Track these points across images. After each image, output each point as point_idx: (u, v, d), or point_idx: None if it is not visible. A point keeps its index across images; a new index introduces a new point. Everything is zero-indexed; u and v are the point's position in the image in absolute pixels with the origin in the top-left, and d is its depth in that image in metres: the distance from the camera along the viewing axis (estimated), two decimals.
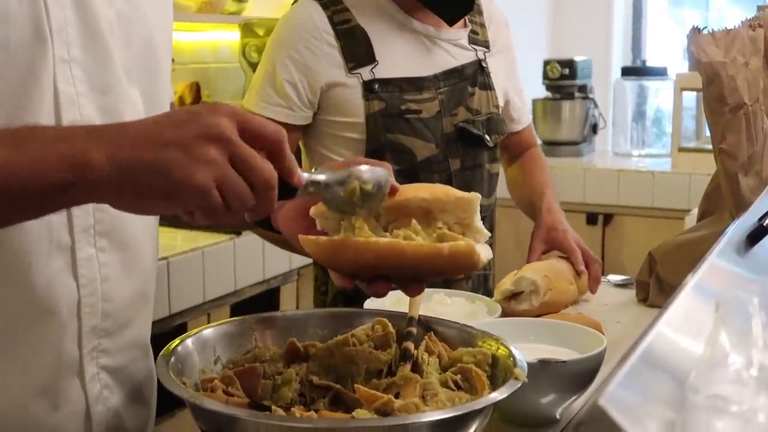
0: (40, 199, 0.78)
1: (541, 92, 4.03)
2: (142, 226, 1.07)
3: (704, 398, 0.62)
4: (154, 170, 0.77)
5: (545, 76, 3.96)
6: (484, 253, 1.03)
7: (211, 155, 0.78)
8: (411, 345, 1.11)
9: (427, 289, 1.24)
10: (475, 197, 1.10)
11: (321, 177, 0.94)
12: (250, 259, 2.47)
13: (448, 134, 1.76)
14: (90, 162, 0.76)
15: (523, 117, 2.04)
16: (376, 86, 1.69)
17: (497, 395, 0.96)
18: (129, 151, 0.77)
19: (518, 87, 2.01)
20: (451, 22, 1.76)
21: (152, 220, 1.11)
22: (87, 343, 1.02)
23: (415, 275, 1.05)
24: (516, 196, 2.04)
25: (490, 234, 1.10)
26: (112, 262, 1.03)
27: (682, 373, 0.68)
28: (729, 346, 0.68)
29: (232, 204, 0.80)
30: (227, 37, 3.04)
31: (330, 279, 1.80)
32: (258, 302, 2.48)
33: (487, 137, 1.80)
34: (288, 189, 0.88)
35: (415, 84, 1.73)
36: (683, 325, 0.77)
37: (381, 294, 1.04)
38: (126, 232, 1.04)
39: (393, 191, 1.05)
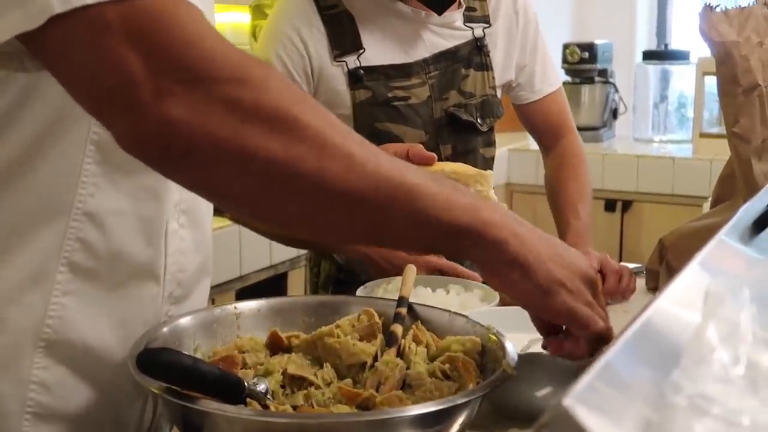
0: (433, 230, 0.86)
1: (561, 76, 3.95)
2: (206, 210, 1.13)
3: (685, 398, 0.57)
4: (541, 289, 0.88)
5: (565, 60, 3.89)
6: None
7: (588, 297, 0.92)
8: (398, 328, 1.07)
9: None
10: (491, 173, 1.31)
11: None
12: (257, 243, 2.42)
13: (437, 120, 1.70)
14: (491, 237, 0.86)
15: (537, 85, 1.90)
16: (362, 74, 1.64)
17: (483, 388, 0.92)
18: (531, 254, 0.87)
19: (535, 48, 1.88)
20: (440, 11, 1.70)
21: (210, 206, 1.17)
22: (164, 308, 1.07)
23: None
24: (551, 207, 1.92)
25: (505, 205, 1.24)
26: (188, 238, 1.08)
27: (667, 367, 0.63)
28: (716, 340, 0.63)
29: (581, 329, 0.92)
30: (237, 19, 3.00)
31: (323, 261, 1.79)
32: (265, 288, 2.44)
33: (480, 121, 1.74)
34: None
35: (402, 70, 1.68)
36: (678, 312, 0.72)
37: None
38: (198, 213, 1.11)
39: (431, 161, 1.26)
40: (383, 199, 0.83)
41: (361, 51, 1.65)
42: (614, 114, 4.01)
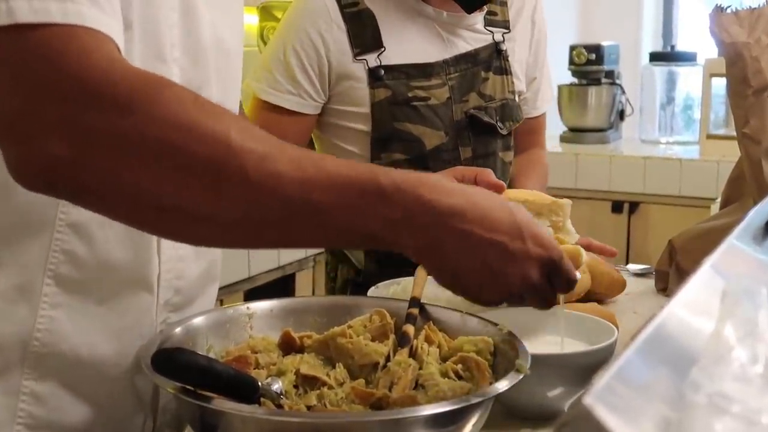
0: (347, 240, 0.93)
1: (567, 78, 3.96)
2: None
3: (704, 396, 0.57)
4: (471, 272, 0.90)
5: (571, 62, 3.88)
6: (584, 255, 1.21)
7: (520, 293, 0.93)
8: (410, 329, 1.07)
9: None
10: (567, 202, 1.31)
11: None
12: None
13: (458, 122, 1.70)
14: (403, 243, 0.86)
15: (539, 102, 1.93)
16: (382, 73, 1.64)
17: (497, 388, 0.92)
18: (451, 253, 0.88)
19: (544, 63, 1.91)
20: (470, 10, 1.70)
21: None
22: (160, 316, 1.06)
23: None
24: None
25: (578, 236, 1.27)
26: (185, 244, 1.05)
27: (685, 366, 0.63)
28: (734, 339, 0.63)
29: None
30: (245, 20, 3.00)
31: (340, 266, 1.79)
32: (273, 289, 2.44)
33: (500, 124, 1.74)
34: None
35: (423, 70, 1.68)
36: (691, 315, 0.72)
37: None
38: None
39: (500, 189, 1.23)
40: (287, 220, 0.82)
41: (382, 49, 1.65)
42: (621, 115, 4.00)
